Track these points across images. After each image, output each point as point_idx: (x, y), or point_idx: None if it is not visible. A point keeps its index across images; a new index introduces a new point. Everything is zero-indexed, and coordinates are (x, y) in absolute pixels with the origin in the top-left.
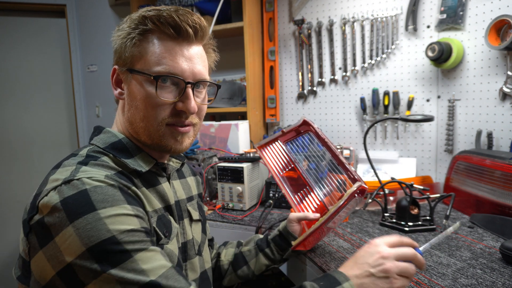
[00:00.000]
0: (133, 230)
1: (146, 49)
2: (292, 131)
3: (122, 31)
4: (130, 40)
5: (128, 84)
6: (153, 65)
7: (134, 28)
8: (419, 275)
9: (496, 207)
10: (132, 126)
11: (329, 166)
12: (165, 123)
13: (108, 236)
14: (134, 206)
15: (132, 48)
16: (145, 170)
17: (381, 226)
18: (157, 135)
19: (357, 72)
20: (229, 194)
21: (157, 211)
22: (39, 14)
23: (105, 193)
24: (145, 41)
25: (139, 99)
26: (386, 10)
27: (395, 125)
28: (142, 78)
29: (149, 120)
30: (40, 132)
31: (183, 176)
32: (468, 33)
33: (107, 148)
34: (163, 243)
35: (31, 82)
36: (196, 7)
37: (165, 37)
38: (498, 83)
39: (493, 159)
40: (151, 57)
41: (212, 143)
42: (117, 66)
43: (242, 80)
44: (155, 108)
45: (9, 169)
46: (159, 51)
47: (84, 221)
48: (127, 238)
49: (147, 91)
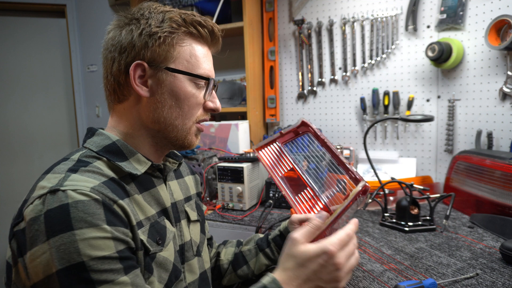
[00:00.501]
0: (105, 257)
1: (185, 51)
2: (290, 132)
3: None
4: (165, 38)
5: (162, 82)
6: (194, 67)
7: (175, 28)
8: (419, 275)
9: (496, 207)
10: (159, 124)
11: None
12: (197, 121)
13: (78, 261)
14: (114, 226)
15: (166, 45)
16: (140, 172)
17: (381, 226)
18: (185, 133)
19: (357, 72)
20: (229, 194)
21: (150, 218)
22: (39, 14)
23: (85, 210)
24: (181, 42)
25: (178, 98)
26: (386, 10)
27: (395, 125)
28: (185, 77)
29: (186, 118)
30: (40, 132)
31: (181, 175)
32: (468, 33)
33: (100, 151)
34: (156, 251)
35: (31, 82)
36: (196, 7)
37: (201, 41)
38: (498, 83)
39: (493, 159)
40: (192, 59)
41: (212, 143)
42: (146, 63)
43: (242, 80)
44: (194, 107)
45: (9, 169)
46: (199, 54)
47: (60, 240)
48: (96, 266)
49: (188, 90)
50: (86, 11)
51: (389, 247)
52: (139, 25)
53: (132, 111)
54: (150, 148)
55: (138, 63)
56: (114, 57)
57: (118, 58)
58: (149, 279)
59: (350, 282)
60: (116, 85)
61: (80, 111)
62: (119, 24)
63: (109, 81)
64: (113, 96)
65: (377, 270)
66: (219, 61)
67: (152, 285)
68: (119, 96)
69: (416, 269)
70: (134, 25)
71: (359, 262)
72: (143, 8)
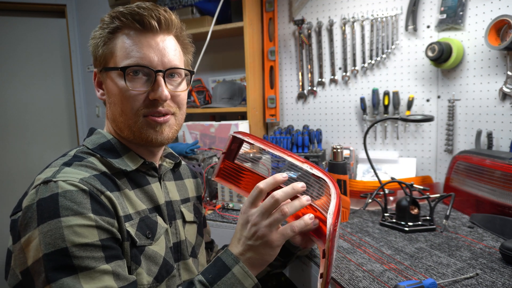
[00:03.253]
0: (88, 244)
1: (116, 46)
2: (230, 147)
3: (94, 33)
4: (102, 40)
5: (105, 83)
6: (122, 59)
7: (104, 28)
8: (419, 275)
9: (496, 207)
10: (115, 123)
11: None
12: (142, 114)
13: (61, 247)
14: (99, 215)
15: (103, 48)
16: (130, 169)
17: (381, 226)
18: (136, 128)
19: (357, 72)
20: (229, 194)
21: (140, 213)
22: (39, 14)
23: (73, 199)
24: (115, 39)
25: (115, 94)
26: (386, 10)
27: (395, 125)
28: (114, 73)
29: (126, 113)
30: (40, 132)
31: (180, 177)
32: (468, 33)
33: (95, 148)
34: (145, 244)
35: (31, 82)
36: (196, 7)
37: (131, 31)
38: (498, 83)
39: (493, 159)
40: (120, 52)
41: (212, 143)
42: (96, 69)
43: (242, 80)
44: (129, 100)
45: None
46: (127, 45)
47: (47, 227)
48: (78, 253)
49: (120, 85)
50: (86, 11)
51: (389, 247)
52: (95, 31)
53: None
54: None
55: (94, 70)
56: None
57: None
58: (137, 270)
59: (350, 282)
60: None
61: (80, 111)
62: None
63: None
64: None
65: (377, 270)
66: (219, 61)
67: (140, 276)
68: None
69: (416, 269)
70: (94, 31)
71: (359, 262)
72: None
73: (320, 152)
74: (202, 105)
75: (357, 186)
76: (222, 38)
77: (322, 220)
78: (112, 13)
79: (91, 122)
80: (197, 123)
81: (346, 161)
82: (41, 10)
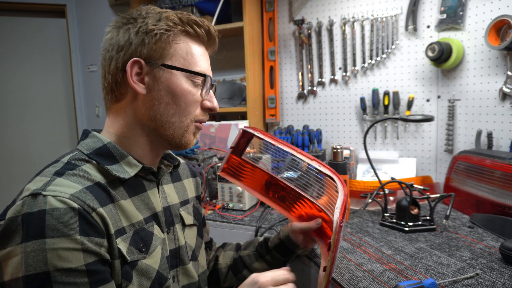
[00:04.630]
0: (71, 269)
1: (181, 48)
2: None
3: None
4: (166, 35)
5: (159, 79)
6: (191, 64)
7: (171, 27)
8: (419, 275)
9: (496, 207)
10: (152, 121)
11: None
12: (195, 120)
13: (43, 271)
14: (87, 236)
15: (165, 43)
16: (129, 176)
17: (381, 226)
18: (182, 131)
19: (357, 72)
20: (229, 194)
21: (135, 225)
22: (39, 14)
23: (60, 219)
24: (178, 40)
25: (175, 94)
26: (386, 10)
27: (395, 125)
28: (180, 74)
29: (183, 115)
30: (40, 132)
31: (179, 178)
32: (468, 33)
33: (91, 154)
34: (137, 258)
35: (31, 82)
36: (196, 7)
37: (197, 40)
38: (498, 83)
39: (493, 159)
40: (188, 57)
41: (212, 143)
42: (142, 60)
43: (242, 80)
44: (191, 104)
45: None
46: (195, 52)
47: (31, 246)
48: (60, 278)
49: (185, 87)
50: (86, 11)
51: (389, 247)
52: (136, 24)
53: (128, 110)
54: (145, 148)
55: (135, 60)
56: (112, 56)
57: (116, 56)
58: (127, 287)
59: (350, 282)
60: (113, 83)
61: (80, 111)
62: (117, 25)
63: (106, 80)
64: (111, 95)
65: (377, 270)
66: (219, 61)
67: None
68: (116, 95)
69: (416, 269)
70: (132, 24)
71: (359, 262)
72: (141, 9)
73: (320, 152)
74: None
75: (357, 186)
76: (222, 38)
77: (325, 220)
78: (181, 16)
79: (91, 122)
80: None
81: (346, 161)
82: (41, 10)
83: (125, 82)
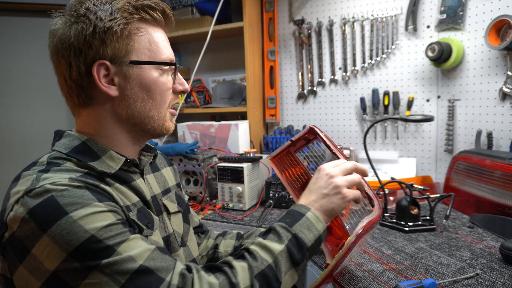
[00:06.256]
0: (110, 224)
1: (142, 39)
2: (301, 139)
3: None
4: (122, 31)
5: (129, 77)
6: (157, 54)
7: (125, 18)
8: (419, 275)
9: (496, 207)
10: (133, 119)
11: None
12: (170, 106)
13: (87, 237)
14: (105, 202)
15: (124, 39)
16: (114, 170)
17: (381, 226)
18: (162, 121)
19: (357, 72)
20: (229, 194)
21: (136, 204)
22: (39, 14)
23: (73, 195)
24: (138, 31)
25: (148, 89)
26: (386, 10)
27: (395, 125)
28: (149, 67)
29: (160, 107)
30: (40, 132)
31: (157, 168)
32: (468, 33)
33: (70, 152)
34: (147, 234)
35: (31, 82)
36: (196, 7)
37: (156, 25)
38: (498, 83)
39: (493, 159)
40: (152, 46)
41: (212, 143)
42: (108, 61)
43: (242, 80)
44: (165, 94)
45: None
46: (157, 39)
47: (59, 228)
48: (106, 234)
49: (157, 79)
50: None
51: (389, 247)
52: (88, 22)
53: (102, 112)
54: (127, 144)
55: (100, 63)
56: (69, 61)
57: (76, 61)
58: None
59: (350, 282)
60: (78, 89)
61: None
62: (65, 23)
63: (69, 87)
64: (77, 100)
65: (377, 270)
66: (219, 61)
67: None
68: (85, 100)
69: (416, 269)
70: (83, 23)
71: (359, 262)
72: (84, 1)
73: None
74: (202, 105)
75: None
76: (222, 38)
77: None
78: (133, 2)
79: None
80: (197, 123)
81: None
82: (41, 10)
83: (93, 87)
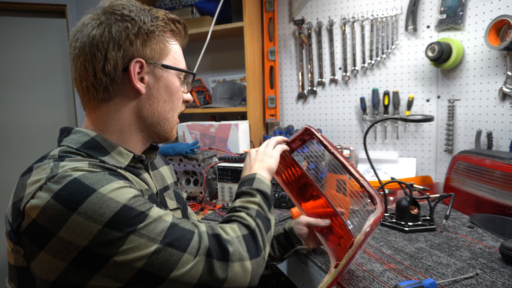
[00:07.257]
0: (136, 195)
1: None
2: (296, 140)
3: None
4: (161, 37)
5: (159, 78)
6: (179, 63)
7: (162, 27)
8: (419, 275)
9: (496, 207)
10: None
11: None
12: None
13: (120, 206)
14: (125, 181)
15: (162, 45)
16: (124, 165)
17: (381, 226)
18: (173, 125)
19: (357, 72)
20: (229, 194)
21: (149, 190)
22: (39, 14)
23: (95, 177)
24: (170, 40)
25: (171, 92)
26: (386, 10)
27: (395, 125)
28: (173, 73)
29: (175, 111)
30: (40, 131)
31: (155, 167)
32: (468, 33)
33: (80, 148)
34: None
35: (31, 82)
36: (196, 7)
37: (179, 38)
38: (498, 83)
39: (493, 159)
40: (176, 56)
41: (212, 143)
42: (144, 60)
43: (242, 80)
44: (180, 100)
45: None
46: (179, 50)
47: (90, 204)
48: (136, 203)
49: (177, 85)
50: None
51: (389, 247)
52: (134, 22)
53: (123, 108)
54: (137, 143)
55: (137, 60)
56: (106, 54)
57: (114, 55)
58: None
59: (350, 282)
60: (109, 82)
61: (80, 111)
62: (105, 20)
63: (97, 79)
64: (102, 95)
65: (377, 270)
66: (219, 61)
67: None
68: (111, 94)
69: (416, 269)
70: (129, 22)
71: (359, 262)
72: (125, 6)
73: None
74: (202, 105)
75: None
76: (222, 38)
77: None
78: (166, 16)
79: None
80: (197, 123)
81: None
82: (41, 10)
83: (123, 82)
